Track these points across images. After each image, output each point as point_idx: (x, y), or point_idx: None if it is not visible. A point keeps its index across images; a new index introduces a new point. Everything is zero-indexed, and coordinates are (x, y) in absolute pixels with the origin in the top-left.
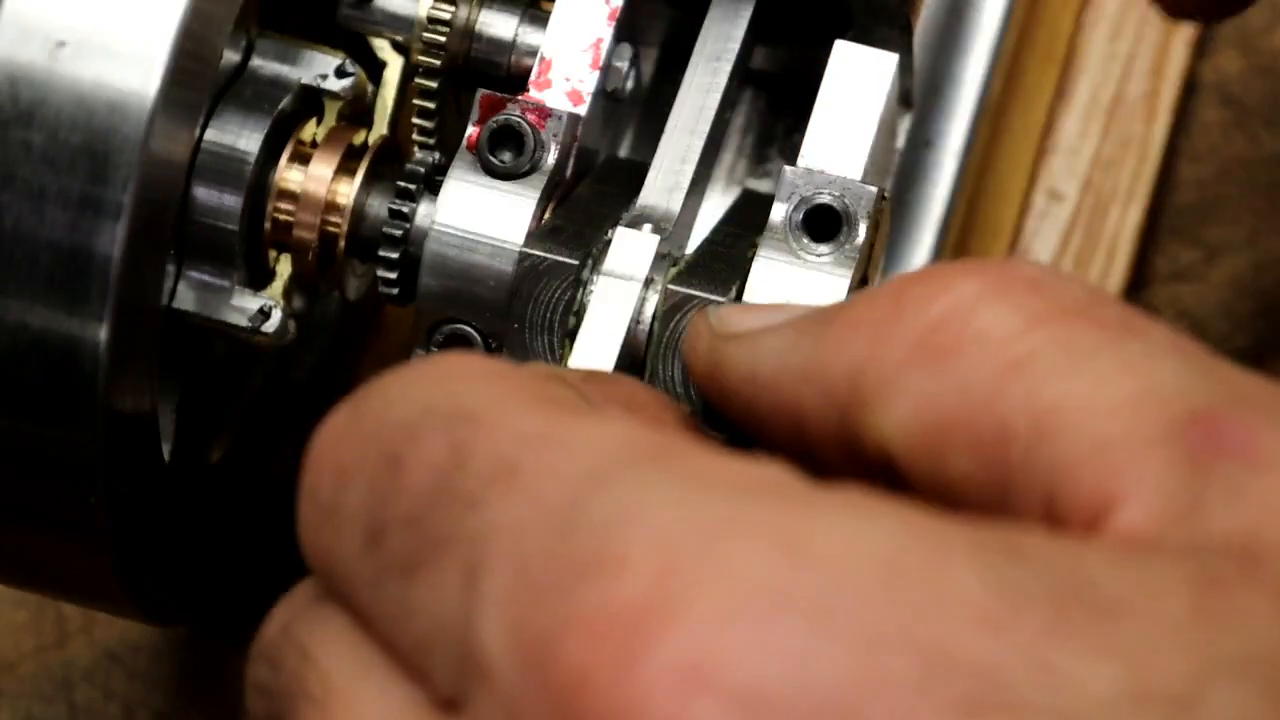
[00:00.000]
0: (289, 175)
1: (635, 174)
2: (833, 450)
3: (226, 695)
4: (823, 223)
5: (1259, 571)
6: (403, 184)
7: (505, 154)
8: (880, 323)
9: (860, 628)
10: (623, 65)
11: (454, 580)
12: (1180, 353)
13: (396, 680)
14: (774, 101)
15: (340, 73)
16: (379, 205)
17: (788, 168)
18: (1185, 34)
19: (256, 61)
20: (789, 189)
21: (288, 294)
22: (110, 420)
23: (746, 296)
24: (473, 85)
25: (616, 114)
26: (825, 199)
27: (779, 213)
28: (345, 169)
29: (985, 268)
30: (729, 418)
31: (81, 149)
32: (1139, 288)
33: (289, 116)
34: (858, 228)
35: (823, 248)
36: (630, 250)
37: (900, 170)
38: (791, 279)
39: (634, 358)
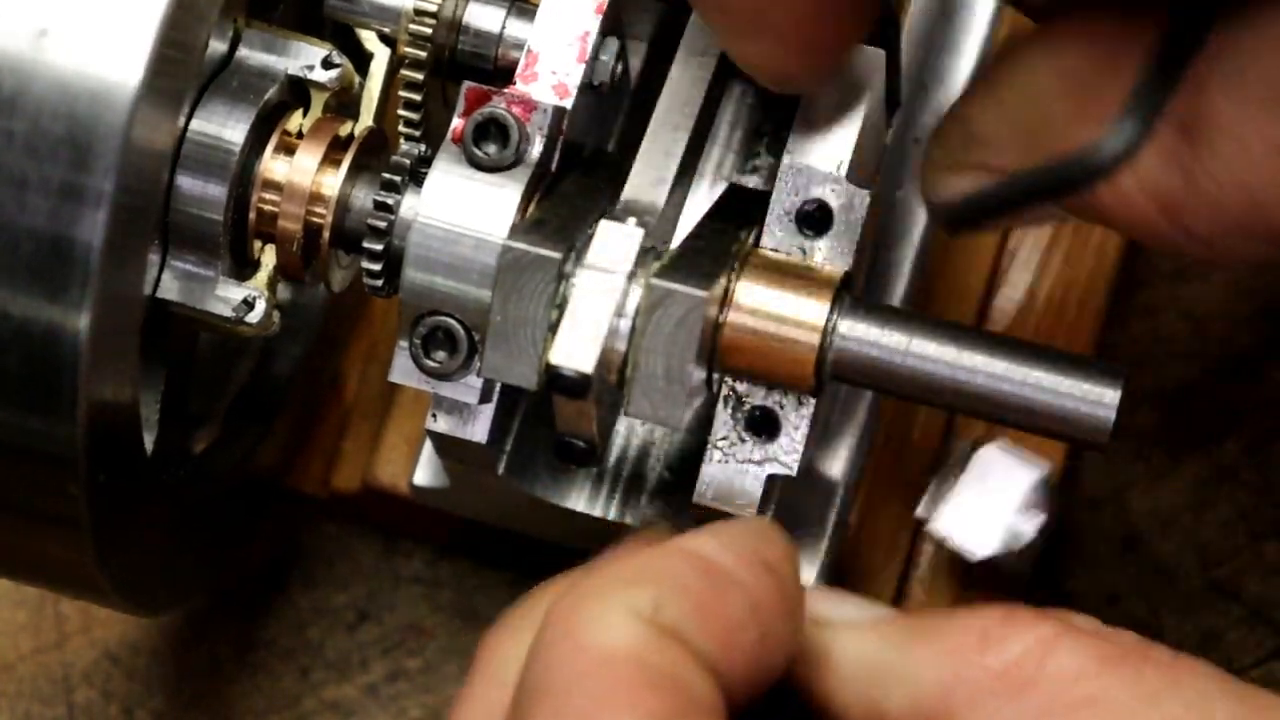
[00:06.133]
0: (274, 166)
1: (621, 168)
2: None
3: (226, 695)
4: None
5: None
6: (388, 176)
7: (490, 146)
8: (968, 650)
9: None
10: (609, 59)
11: None
12: (1230, 694)
13: None
14: (762, 97)
15: (327, 64)
16: (364, 197)
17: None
18: None
19: (243, 52)
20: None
21: (272, 284)
22: (91, 410)
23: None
24: (459, 77)
25: (603, 108)
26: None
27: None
28: (330, 160)
29: (1051, 615)
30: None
31: (64, 137)
32: (1139, 287)
33: (275, 107)
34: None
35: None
36: (613, 243)
37: (890, 168)
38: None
39: (617, 352)
